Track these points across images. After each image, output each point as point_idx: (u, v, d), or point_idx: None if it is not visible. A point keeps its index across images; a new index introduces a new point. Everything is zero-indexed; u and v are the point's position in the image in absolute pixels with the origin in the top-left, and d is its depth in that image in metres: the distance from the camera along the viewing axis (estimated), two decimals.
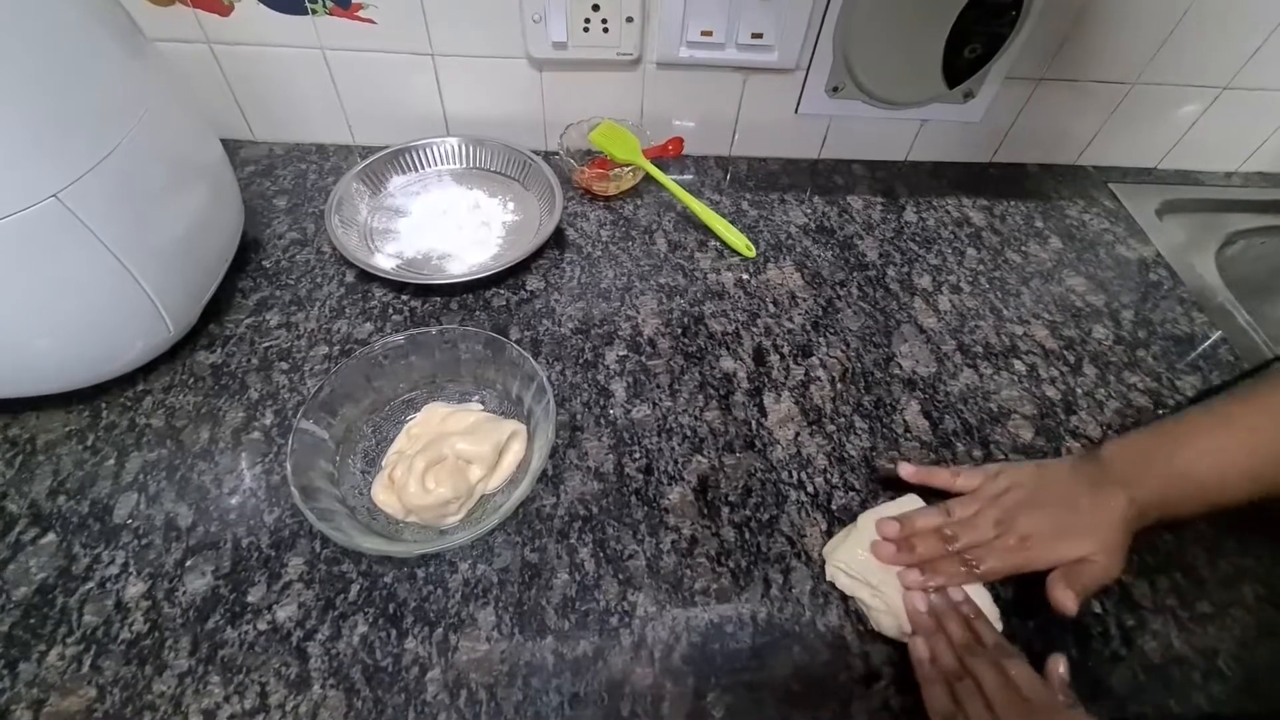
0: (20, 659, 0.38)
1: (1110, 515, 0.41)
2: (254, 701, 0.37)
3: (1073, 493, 0.43)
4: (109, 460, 0.46)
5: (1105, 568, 0.40)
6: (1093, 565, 0.40)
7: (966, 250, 0.69)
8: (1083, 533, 0.41)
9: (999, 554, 0.42)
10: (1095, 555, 0.40)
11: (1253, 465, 0.40)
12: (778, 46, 0.65)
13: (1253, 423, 0.41)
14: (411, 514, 0.43)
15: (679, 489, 0.48)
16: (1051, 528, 0.42)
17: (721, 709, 0.39)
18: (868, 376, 0.56)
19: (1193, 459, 0.42)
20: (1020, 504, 0.43)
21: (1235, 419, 0.42)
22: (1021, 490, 0.44)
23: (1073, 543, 0.41)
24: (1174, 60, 0.70)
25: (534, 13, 0.61)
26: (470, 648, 0.40)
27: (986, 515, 0.43)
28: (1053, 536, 0.41)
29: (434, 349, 0.50)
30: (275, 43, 0.63)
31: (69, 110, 0.40)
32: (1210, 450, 0.41)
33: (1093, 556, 0.40)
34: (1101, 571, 0.40)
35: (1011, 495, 0.44)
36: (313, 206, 0.66)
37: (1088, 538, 0.41)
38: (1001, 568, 0.42)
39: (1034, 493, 0.44)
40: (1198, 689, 0.41)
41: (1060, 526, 0.42)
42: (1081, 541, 0.41)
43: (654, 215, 0.69)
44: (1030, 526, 0.42)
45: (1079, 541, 0.41)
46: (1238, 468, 0.41)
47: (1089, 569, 0.40)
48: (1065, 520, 0.42)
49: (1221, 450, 0.41)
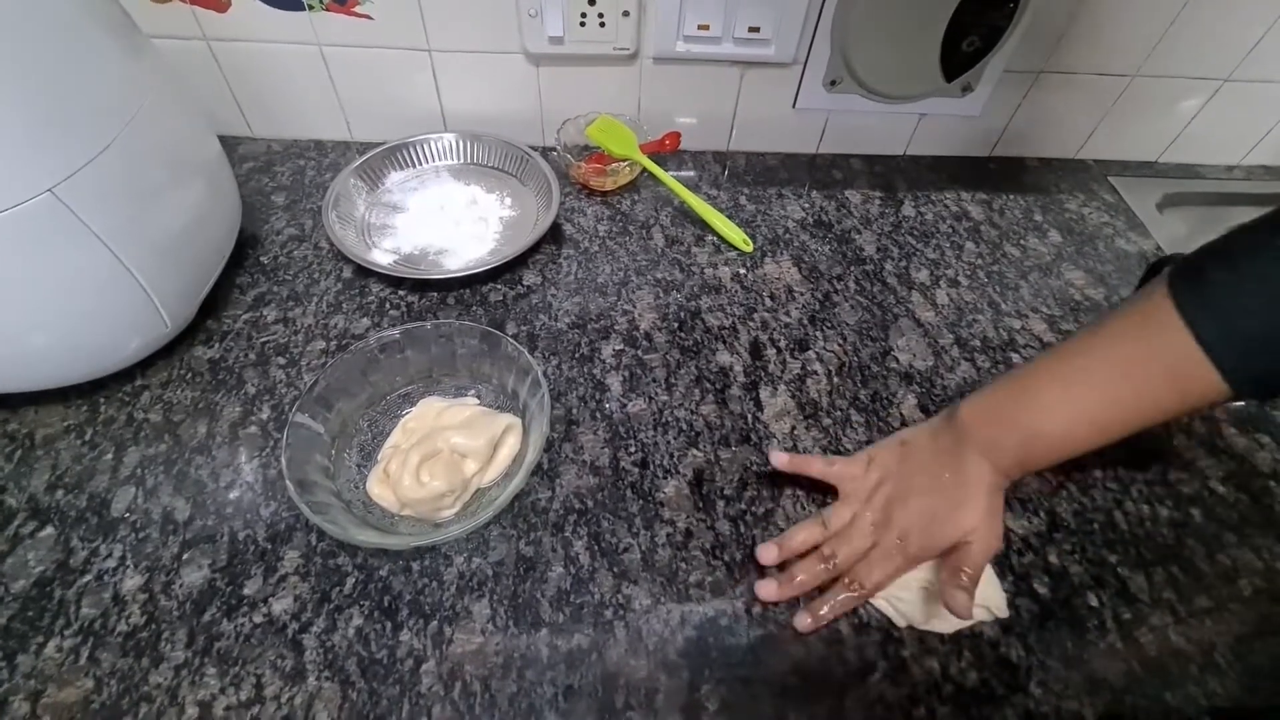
0: (18, 651, 0.38)
1: (976, 486, 0.42)
2: (250, 693, 0.38)
3: (937, 473, 0.44)
4: (107, 455, 0.47)
5: (984, 542, 0.41)
6: (971, 547, 0.41)
7: (965, 244, 0.69)
8: (954, 512, 0.42)
9: (880, 564, 0.42)
10: (970, 533, 0.41)
11: (1095, 416, 0.41)
12: (775, 40, 0.65)
13: (1093, 373, 0.41)
14: (407, 507, 0.43)
15: (674, 482, 0.48)
16: (923, 518, 0.42)
17: (716, 702, 0.39)
18: (864, 370, 0.56)
19: (1041, 417, 0.42)
20: (892, 499, 0.44)
21: (1070, 371, 0.42)
22: (891, 482, 0.45)
23: (946, 527, 0.42)
24: (1174, 53, 0.69)
25: (530, 7, 0.61)
26: (465, 640, 0.40)
27: (863, 520, 0.44)
28: (927, 526, 0.42)
29: (430, 344, 0.50)
30: (273, 39, 0.64)
31: (65, 105, 0.40)
32: (1055, 405, 0.42)
33: (968, 536, 0.41)
34: (981, 550, 0.41)
35: (883, 491, 0.44)
36: (310, 202, 0.66)
37: (960, 515, 0.41)
38: (885, 579, 0.42)
39: (902, 483, 0.44)
40: (1195, 683, 0.41)
41: (931, 514, 0.42)
42: (955, 522, 0.41)
43: (651, 210, 0.69)
44: (905, 520, 0.43)
45: (952, 524, 0.41)
46: (1083, 421, 0.41)
47: (969, 554, 0.40)
48: (935, 506, 0.42)
49: (1069, 403, 0.41)
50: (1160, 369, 0.38)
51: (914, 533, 0.42)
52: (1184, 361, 0.37)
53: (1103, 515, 0.48)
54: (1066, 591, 0.44)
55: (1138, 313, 0.40)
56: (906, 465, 0.45)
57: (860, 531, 0.43)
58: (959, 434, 0.44)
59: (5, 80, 0.37)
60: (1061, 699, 0.40)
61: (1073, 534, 0.47)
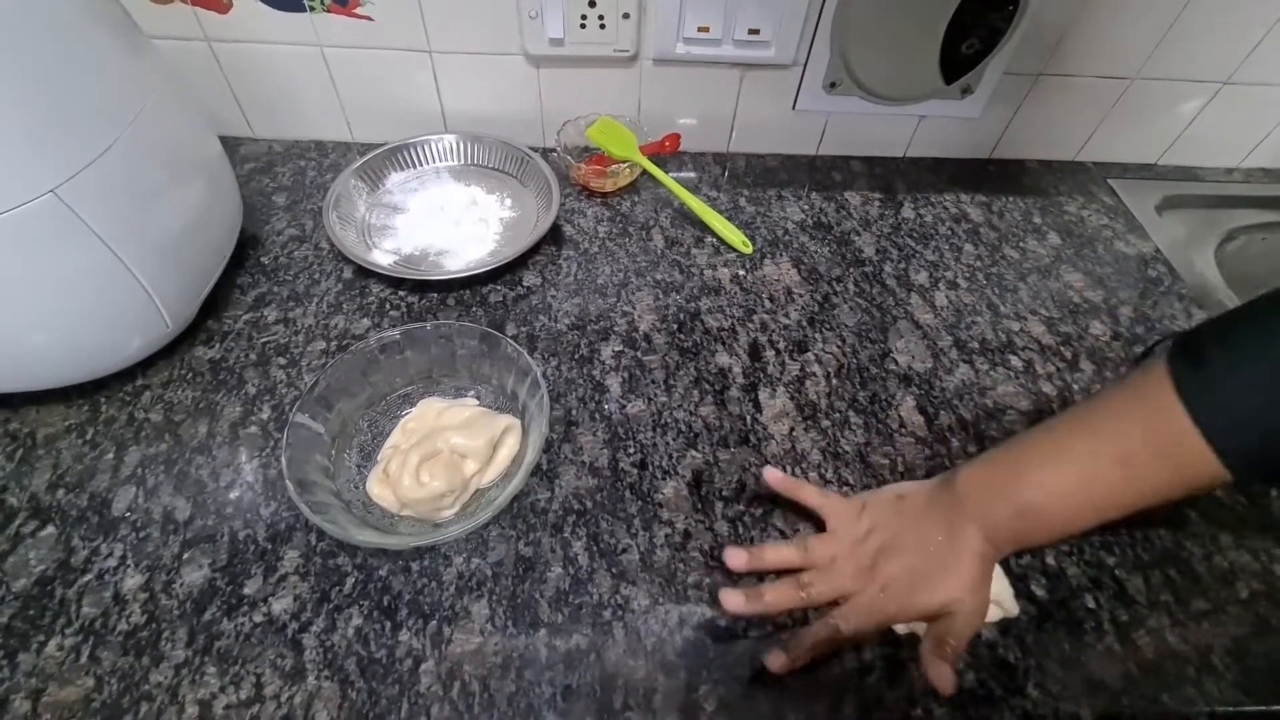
0: (19, 649, 0.38)
1: (967, 554, 0.40)
2: (249, 692, 0.38)
3: (929, 534, 0.42)
4: (108, 454, 0.47)
5: (969, 613, 0.39)
6: (955, 619, 0.39)
7: (964, 246, 0.69)
8: (941, 578, 0.40)
9: (861, 614, 0.40)
10: (954, 603, 0.39)
11: (1089, 496, 0.39)
12: (775, 42, 0.65)
13: (1088, 452, 0.39)
14: (406, 508, 0.44)
15: (673, 483, 0.48)
16: (910, 575, 0.40)
17: (714, 702, 0.39)
18: (863, 372, 0.56)
19: (1033, 494, 0.40)
20: (880, 550, 0.42)
21: (1065, 447, 0.40)
22: (881, 534, 0.42)
23: (931, 591, 0.40)
24: (1174, 55, 0.69)
25: (531, 9, 0.61)
26: (464, 640, 0.40)
27: (846, 564, 0.42)
28: (911, 585, 0.40)
29: (429, 344, 0.51)
30: (274, 40, 0.64)
31: (66, 106, 0.40)
32: (1047, 482, 0.40)
33: (952, 605, 0.39)
34: (966, 620, 0.39)
35: (873, 540, 0.42)
36: (311, 203, 0.66)
37: (946, 581, 0.40)
38: (863, 630, 0.40)
39: (893, 537, 0.42)
40: (1192, 685, 0.41)
41: (917, 575, 0.40)
42: (940, 587, 0.40)
43: (651, 212, 0.69)
44: (890, 574, 0.41)
45: (937, 587, 0.40)
46: (1076, 499, 0.39)
47: (953, 625, 0.39)
48: (922, 567, 0.41)
49: (1059, 482, 0.40)
50: (1157, 450, 0.37)
51: (896, 589, 0.40)
52: (1181, 443, 0.35)
53: None
54: (1064, 593, 0.44)
55: (1135, 390, 0.39)
56: (899, 520, 0.43)
57: (842, 573, 0.41)
58: (954, 500, 0.42)
59: (7, 81, 0.37)
60: (1059, 701, 0.40)
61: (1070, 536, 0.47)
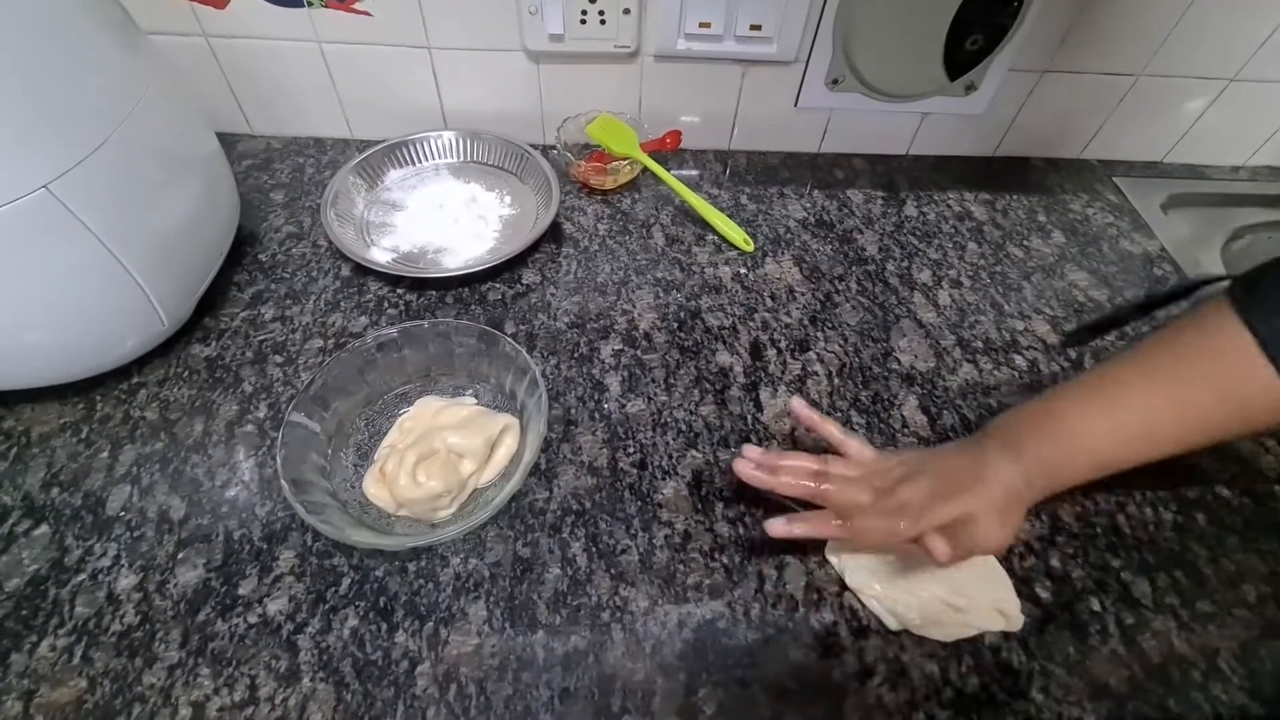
0: (12, 650, 0.38)
1: (994, 481, 0.40)
2: (244, 694, 0.37)
3: (955, 464, 0.42)
4: (103, 453, 0.46)
5: (988, 530, 0.39)
6: (973, 525, 0.38)
7: (967, 244, 0.68)
8: (961, 494, 0.39)
9: (870, 517, 0.40)
10: (972, 515, 0.39)
11: (1142, 422, 0.39)
12: (777, 38, 0.65)
13: (1141, 378, 0.40)
14: (403, 507, 0.43)
15: (673, 484, 0.47)
16: (928, 494, 0.40)
17: (713, 705, 0.38)
18: (865, 371, 0.56)
19: (1081, 425, 0.40)
20: (900, 478, 0.41)
21: (1120, 380, 0.41)
22: (905, 467, 0.42)
23: (950, 504, 0.39)
24: (1180, 52, 0.69)
25: (530, 5, 0.61)
26: (461, 642, 0.40)
27: (863, 483, 0.41)
28: (929, 501, 0.39)
29: (427, 342, 0.50)
30: (272, 36, 0.63)
31: (61, 101, 0.40)
32: (1098, 411, 0.40)
33: (969, 518, 0.39)
34: (984, 532, 0.38)
35: (895, 471, 0.42)
36: (309, 200, 0.66)
37: (966, 498, 0.39)
38: (875, 529, 0.40)
39: (917, 468, 0.41)
40: (1198, 689, 0.40)
41: (937, 492, 0.40)
42: (959, 502, 0.39)
43: (651, 209, 0.68)
44: (907, 495, 0.40)
45: (956, 502, 0.39)
46: (1128, 427, 0.40)
47: (969, 528, 0.38)
48: (941, 489, 0.40)
49: (1114, 410, 0.40)
50: (1214, 371, 0.37)
51: (912, 508, 0.39)
52: (1239, 362, 0.36)
53: (1105, 519, 0.48)
54: (1069, 596, 0.44)
55: (1191, 319, 0.40)
56: (924, 456, 0.43)
57: (859, 487, 0.41)
58: (985, 438, 0.42)
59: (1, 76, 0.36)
60: (1063, 705, 0.39)
61: (1075, 537, 0.47)
